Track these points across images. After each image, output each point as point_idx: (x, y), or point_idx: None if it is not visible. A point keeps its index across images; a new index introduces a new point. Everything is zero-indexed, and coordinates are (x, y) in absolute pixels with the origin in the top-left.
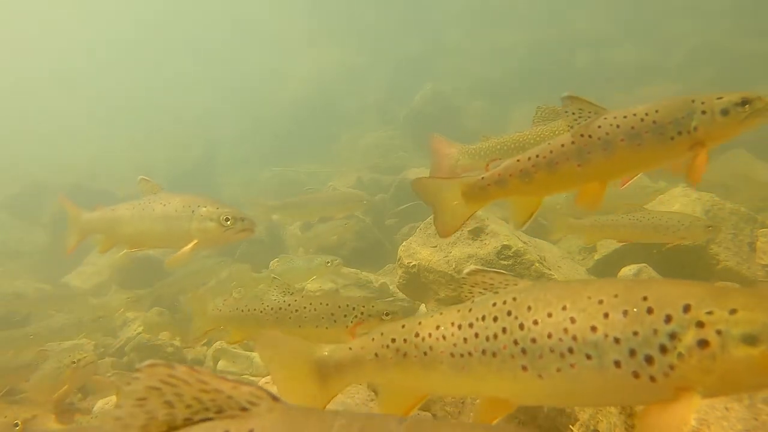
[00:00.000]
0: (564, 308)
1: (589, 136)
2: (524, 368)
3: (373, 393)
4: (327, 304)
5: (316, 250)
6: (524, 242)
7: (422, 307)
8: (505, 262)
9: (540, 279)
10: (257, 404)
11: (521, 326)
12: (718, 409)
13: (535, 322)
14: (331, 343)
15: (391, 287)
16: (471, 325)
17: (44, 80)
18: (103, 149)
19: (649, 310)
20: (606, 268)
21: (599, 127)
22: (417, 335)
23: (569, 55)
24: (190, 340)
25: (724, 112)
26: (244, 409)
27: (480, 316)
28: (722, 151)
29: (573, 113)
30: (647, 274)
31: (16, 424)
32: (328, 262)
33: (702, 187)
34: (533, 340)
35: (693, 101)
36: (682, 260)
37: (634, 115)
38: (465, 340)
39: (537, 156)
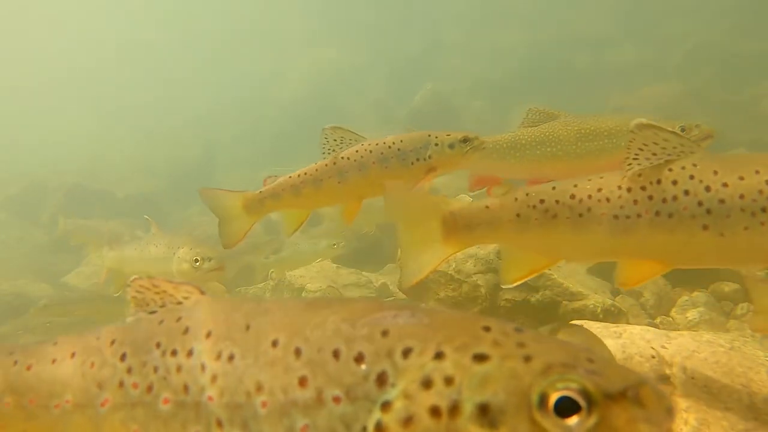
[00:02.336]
0: (756, 172)
1: (348, 158)
2: (705, 227)
3: None
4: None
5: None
6: None
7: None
8: None
9: (540, 278)
10: (189, 298)
11: (707, 188)
12: (717, 409)
13: (725, 185)
14: None
15: (391, 287)
16: (644, 189)
17: (44, 80)
18: (103, 149)
19: None
20: (606, 267)
21: (356, 151)
22: (573, 197)
23: (569, 55)
24: None
25: (451, 146)
26: (179, 303)
27: (654, 180)
28: (722, 150)
29: (335, 140)
30: None
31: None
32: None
33: None
34: (721, 201)
35: (429, 135)
36: None
37: (384, 143)
38: (635, 202)
39: (305, 174)
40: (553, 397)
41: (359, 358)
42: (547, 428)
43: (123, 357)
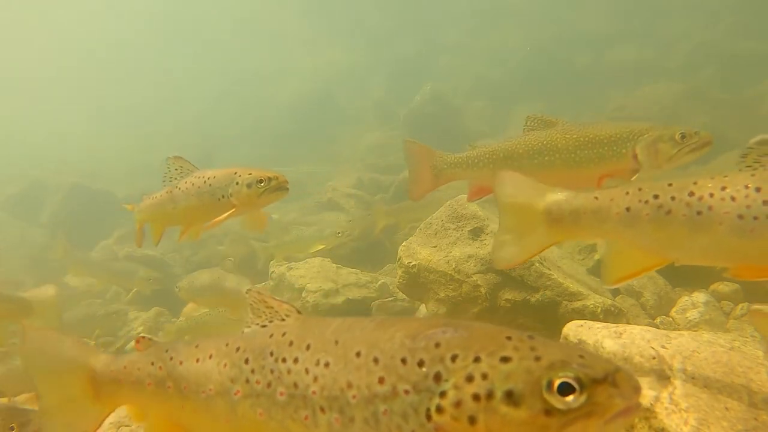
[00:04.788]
0: None
1: (178, 188)
2: None
3: None
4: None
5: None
6: None
7: (422, 307)
8: None
9: (540, 279)
10: (290, 316)
11: None
12: (717, 409)
13: None
14: None
15: (391, 287)
16: None
17: (45, 80)
18: (103, 149)
19: None
20: None
21: (186, 182)
22: (692, 194)
23: (569, 55)
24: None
25: (249, 186)
26: (282, 320)
27: None
28: (722, 151)
29: (176, 169)
30: None
31: (12, 428)
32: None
33: None
34: None
35: (235, 173)
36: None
37: (203, 177)
38: (765, 202)
39: (166, 193)
40: (556, 382)
41: (421, 363)
42: (552, 403)
43: (246, 361)
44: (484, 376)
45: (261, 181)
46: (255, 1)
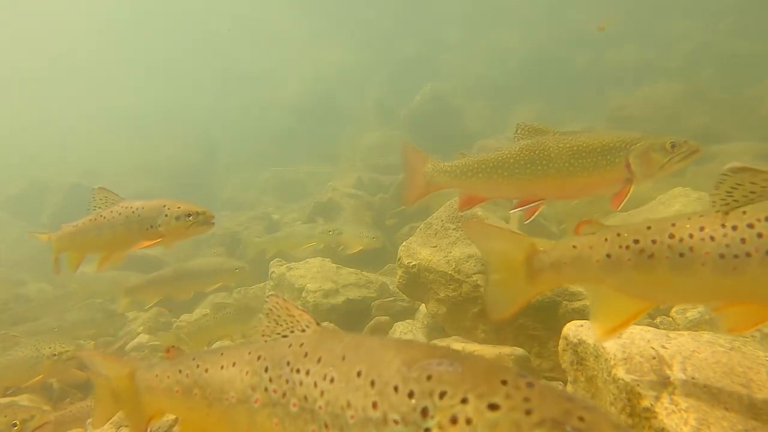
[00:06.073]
0: None
1: (102, 217)
2: None
3: None
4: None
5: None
6: None
7: (422, 307)
8: None
9: None
10: (310, 327)
11: None
12: (717, 409)
13: None
14: None
15: (391, 287)
16: (752, 226)
17: (45, 80)
18: (103, 149)
19: None
20: None
21: (111, 211)
22: (672, 236)
23: (569, 55)
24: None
25: (177, 218)
26: (303, 330)
27: (762, 217)
28: (722, 150)
29: (101, 199)
30: None
31: (15, 424)
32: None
33: (703, 188)
34: None
35: (164, 206)
36: None
37: (129, 207)
38: (743, 240)
39: (89, 221)
40: None
41: (411, 394)
42: None
43: (266, 369)
44: (468, 421)
45: (189, 215)
46: (255, 1)
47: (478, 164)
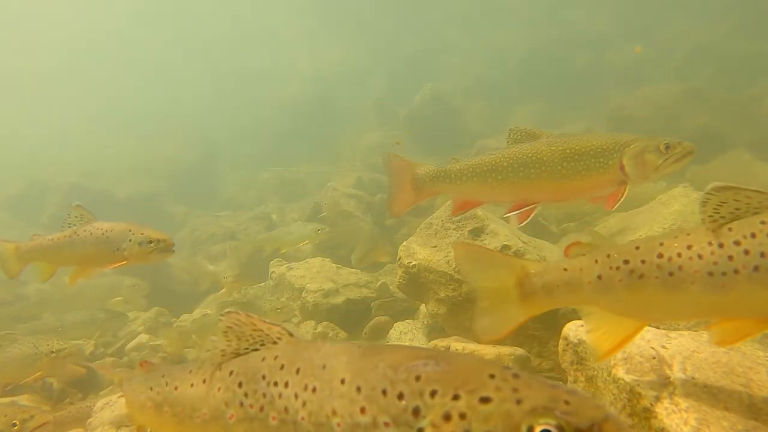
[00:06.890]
0: None
1: (77, 234)
2: None
3: None
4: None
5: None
6: (524, 242)
7: (422, 307)
8: None
9: None
10: (282, 339)
11: None
12: (717, 409)
13: None
14: None
15: (391, 287)
16: (738, 243)
17: (45, 81)
18: (103, 149)
19: None
20: None
21: (85, 230)
22: (660, 256)
23: (569, 55)
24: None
25: (140, 244)
26: (274, 342)
27: (748, 234)
28: (722, 150)
29: (76, 216)
30: None
31: (14, 424)
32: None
33: (702, 187)
34: None
35: (129, 230)
36: None
37: (100, 228)
38: (730, 257)
39: (65, 237)
40: (537, 429)
41: (400, 396)
42: None
43: (240, 384)
44: (462, 416)
45: (151, 242)
46: (255, 1)
47: (472, 168)
